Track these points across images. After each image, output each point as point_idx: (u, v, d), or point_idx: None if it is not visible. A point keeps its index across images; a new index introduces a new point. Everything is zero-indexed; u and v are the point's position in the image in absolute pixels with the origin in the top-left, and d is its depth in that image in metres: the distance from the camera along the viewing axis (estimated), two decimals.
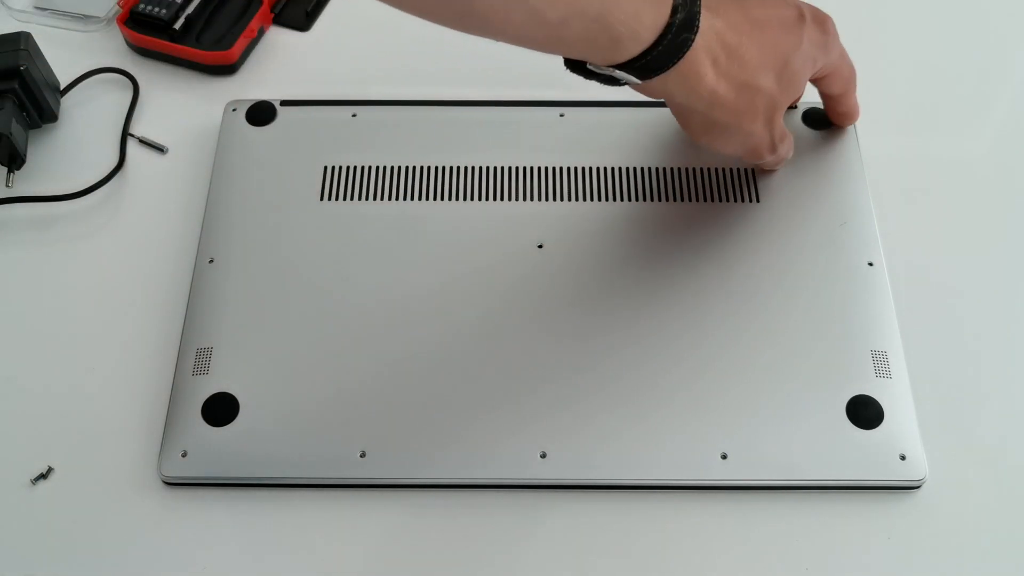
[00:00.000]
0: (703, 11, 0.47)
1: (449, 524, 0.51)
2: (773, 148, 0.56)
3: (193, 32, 0.69)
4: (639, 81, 0.48)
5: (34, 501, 0.52)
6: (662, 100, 0.64)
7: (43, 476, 0.53)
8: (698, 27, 0.46)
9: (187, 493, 0.52)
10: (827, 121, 0.63)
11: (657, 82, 0.48)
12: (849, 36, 0.71)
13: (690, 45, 0.47)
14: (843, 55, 0.56)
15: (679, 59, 0.47)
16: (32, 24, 0.71)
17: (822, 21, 0.54)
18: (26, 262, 0.60)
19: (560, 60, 0.69)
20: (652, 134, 0.63)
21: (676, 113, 0.54)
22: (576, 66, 0.49)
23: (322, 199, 0.60)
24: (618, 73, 0.47)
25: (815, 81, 0.57)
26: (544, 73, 0.69)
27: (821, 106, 0.63)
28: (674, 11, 0.46)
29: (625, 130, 0.63)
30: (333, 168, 0.62)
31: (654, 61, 0.47)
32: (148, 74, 0.68)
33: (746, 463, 0.51)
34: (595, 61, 0.48)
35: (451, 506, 0.52)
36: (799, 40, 0.51)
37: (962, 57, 0.70)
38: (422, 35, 0.71)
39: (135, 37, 0.69)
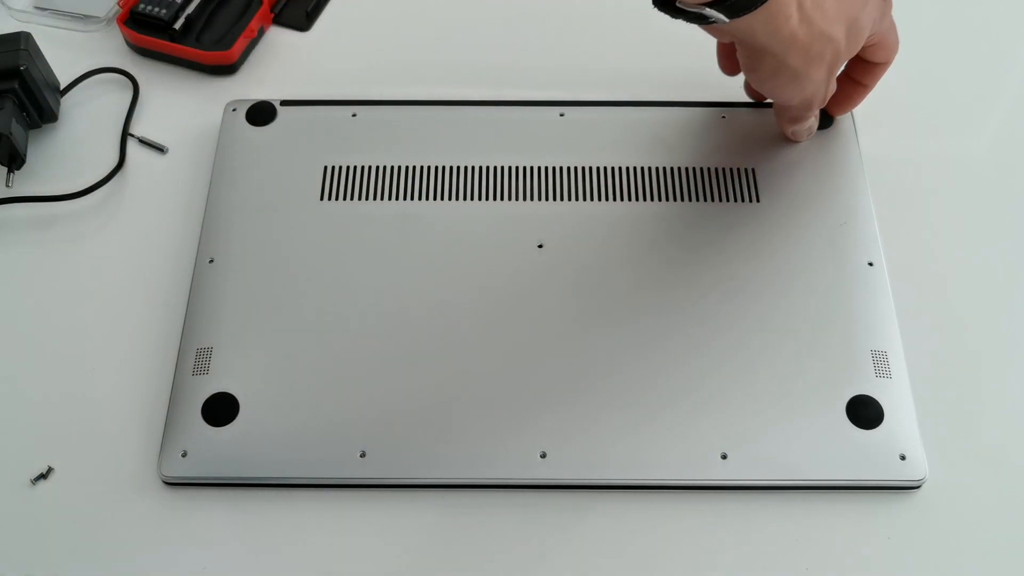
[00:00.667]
0: None
1: (449, 524, 0.51)
2: (824, 101, 0.58)
3: (193, 32, 0.69)
4: (727, 20, 0.49)
5: (34, 501, 0.52)
6: (666, 100, 0.64)
7: (43, 476, 0.53)
8: None
9: (187, 493, 0.52)
10: (827, 121, 0.63)
11: (743, 21, 0.49)
12: None
13: None
14: (893, 25, 0.58)
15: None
16: (32, 24, 0.71)
17: None
18: (26, 262, 0.60)
19: (560, 59, 0.69)
20: (652, 134, 0.63)
21: (749, 55, 0.54)
22: (664, 4, 0.50)
23: (322, 199, 0.60)
24: (708, 11, 0.48)
25: (861, 49, 0.59)
26: (544, 73, 0.69)
27: None
28: None
29: (625, 130, 0.63)
30: (333, 168, 0.62)
31: (742, 1, 0.48)
32: (148, 74, 0.68)
33: (746, 463, 0.51)
34: None
35: (451, 506, 0.52)
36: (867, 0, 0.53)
37: (962, 57, 0.70)
38: (422, 35, 0.72)
39: (135, 37, 0.69)
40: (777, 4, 0.49)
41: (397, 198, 0.60)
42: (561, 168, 0.61)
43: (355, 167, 0.62)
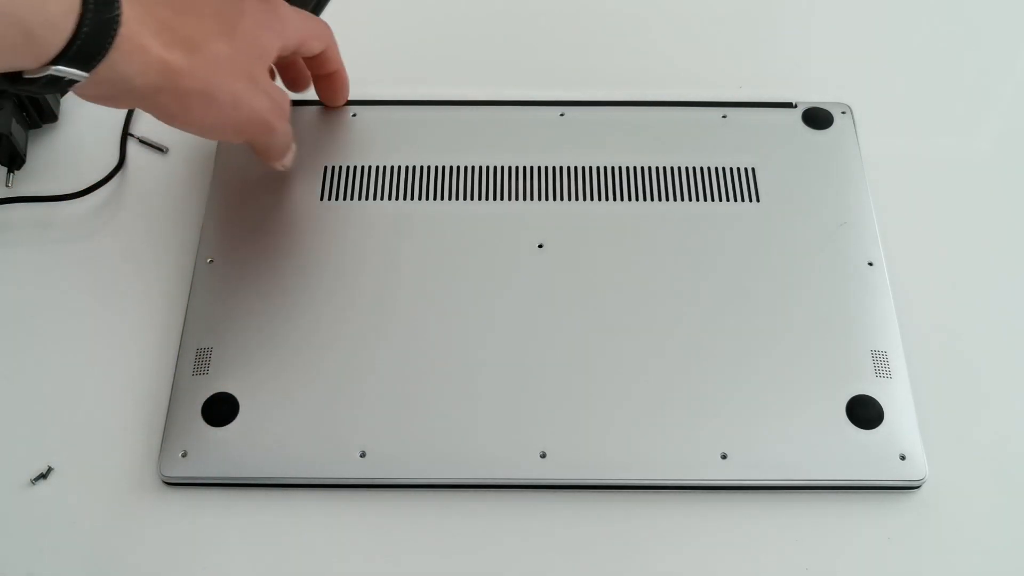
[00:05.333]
0: None
1: (449, 524, 0.51)
2: (278, 111, 0.54)
3: None
4: (85, 73, 0.45)
5: (34, 501, 0.52)
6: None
7: (43, 476, 0.53)
8: (119, 2, 0.44)
9: (187, 493, 0.52)
10: (827, 121, 0.63)
11: (105, 69, 0.45)
12: (849, 35, 0.72)
13: (119, 20, 0.44)
14: (305, 18, 0.57)
15: (113, 37, 0.44)
16: None
17: None
18: (26, 262, 0.60)
19: (560, 59, 0.69)
20: (652, 134, 0.63)
21: (143, 102, 0.50)
22: (13, 79, 0.45)
23: (322, 199, 0.60)
24: (59, 70, 0.44)
25: (306, 61, 0.59)
26: (544, 73, 0.69)
27: (821, 106, 0.64)
28: None
29: (625, 130, 0.63)
30: (333, 168, 0.62)
31: (87, 46, 0.43)
32: None
33: (746, 463, 0.51)
34: (23, 66, 0.44)
35: (451, 506, 0.52)
36: (241, 11, 0.51)
37: (962, 57, 0.70)
38: (422, 35, 0.72)
39: None
40: (127, 41, 0.45)
41: (397, 198, 0.60)
42: (561, 168, 0.61)
43: (355, 167, 0.62)
